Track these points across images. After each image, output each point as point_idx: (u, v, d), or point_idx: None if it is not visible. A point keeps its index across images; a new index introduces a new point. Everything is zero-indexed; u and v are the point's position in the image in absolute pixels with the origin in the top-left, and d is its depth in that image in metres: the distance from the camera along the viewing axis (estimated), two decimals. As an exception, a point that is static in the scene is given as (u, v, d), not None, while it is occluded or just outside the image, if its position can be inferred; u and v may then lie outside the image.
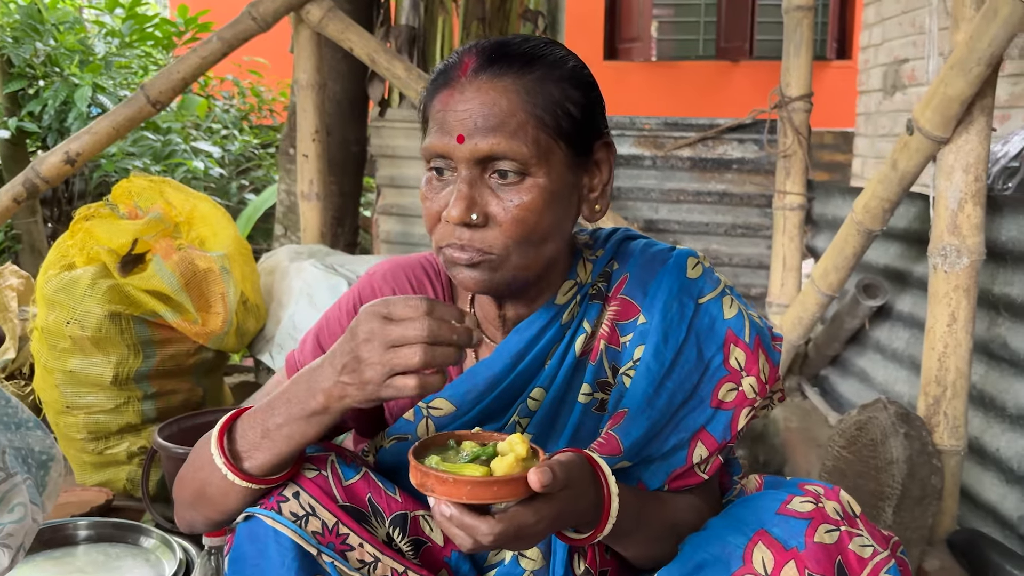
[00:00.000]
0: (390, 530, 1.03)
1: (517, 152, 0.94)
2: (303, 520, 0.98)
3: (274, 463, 0.98)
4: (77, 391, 2.16)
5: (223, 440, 1.00)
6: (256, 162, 5.19)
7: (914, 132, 1.70)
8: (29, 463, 1.35)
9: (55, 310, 2.13)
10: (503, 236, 0.96)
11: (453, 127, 0.95)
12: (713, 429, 1.05)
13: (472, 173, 0.96)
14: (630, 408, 1.03)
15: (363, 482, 1.03)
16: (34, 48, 3.95)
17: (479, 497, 0.81)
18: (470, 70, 0.97)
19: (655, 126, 3.03)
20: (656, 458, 1.05)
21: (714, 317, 1.07)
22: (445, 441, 0.91)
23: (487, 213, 0.96)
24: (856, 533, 0.95)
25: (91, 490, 2.15)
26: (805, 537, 0.93)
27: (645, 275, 1.08)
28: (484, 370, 1.06)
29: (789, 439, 2.61)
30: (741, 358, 1.06)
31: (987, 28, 1.47)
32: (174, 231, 2.35)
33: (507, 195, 0.96)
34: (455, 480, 0.81)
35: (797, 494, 0.98)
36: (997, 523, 1.79)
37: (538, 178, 0.96)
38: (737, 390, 1.05)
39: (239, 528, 1.00)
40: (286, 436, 0.96)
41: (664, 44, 8.36)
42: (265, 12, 2.62)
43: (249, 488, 0.99)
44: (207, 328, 2.23)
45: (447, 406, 1.06)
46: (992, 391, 1.84)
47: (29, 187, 2.70)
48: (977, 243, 1.67)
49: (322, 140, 2.78)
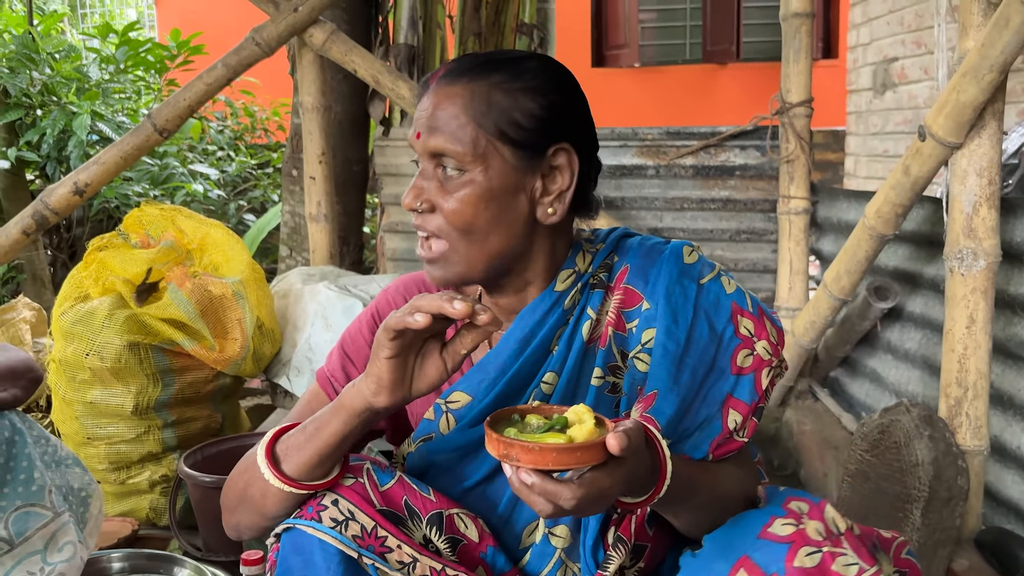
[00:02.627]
0: (427, 530, 1.07)
1: (454, 150, 1.05)
2: (343, 525, 1.01)
3: (311, 464, 1.03)
4: (98, 422, 2.16)
5: (272, 444, 1.06)
6: (253, 182, 5.19)
7: (927, 138, 1.72)
8: (70, 500, 1.36)
9: (73, 342, 2.13)
10: (444, 222, 1.07)
11: (416, 126, 1.10)
12: (740, 394, 1.11)
13: (427, 167, 1.09)
14: (659, 389, 1.09)
15: (398, 486, 1.08)
16: (30, 77, 3.95)
17: (563, 463, 0.84)
18: (438, 77, 1.10)
19: (657, 136, 3.06)
20: (692, 431, 1.10)
21: (717, 294, 1.14)
22: (510, 416, 0.95)
23: (431, 201, 1.08)
24: (840, 552, 0.95)
25: (115, 521, 2.15)
26: (785, 562, 0.94)
27: (645, 265, 1.16)
28: (494, 358, 1.12)
29: (803, 442, 2.63)
30: (750, 326, 1.13)
31: (999, 36, 1.49)
32: (187, 258, 2.36)
33: (449, 187, 1.07)
34: (540, 448, 0.84)
35: (779, 515, 0.99)
36: (1020, 520, 1.82)
37: (475, 175, 1.06)
38: (753, 355, 1.12)
39: (283, 541, 1.03)
40: (325, 437, 1.02)
41: (650, 49, 8.40)
42: (269, 37, 2.63)
43: (286, 491, 1.03)
44: (225, 354, 2.23)
45: (464, 398, 1.12)
46: (1011, 390, 1.86)
47: (39, 219, 2.69)
48: (993, 245, 1.70)
49: (329, 162, 2.80)
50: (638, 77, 8.23)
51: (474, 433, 1.12)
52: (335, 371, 1.23)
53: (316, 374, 1.26)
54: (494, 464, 1.13)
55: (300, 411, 1.22)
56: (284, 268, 3.52)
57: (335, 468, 1.06)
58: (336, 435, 1.02)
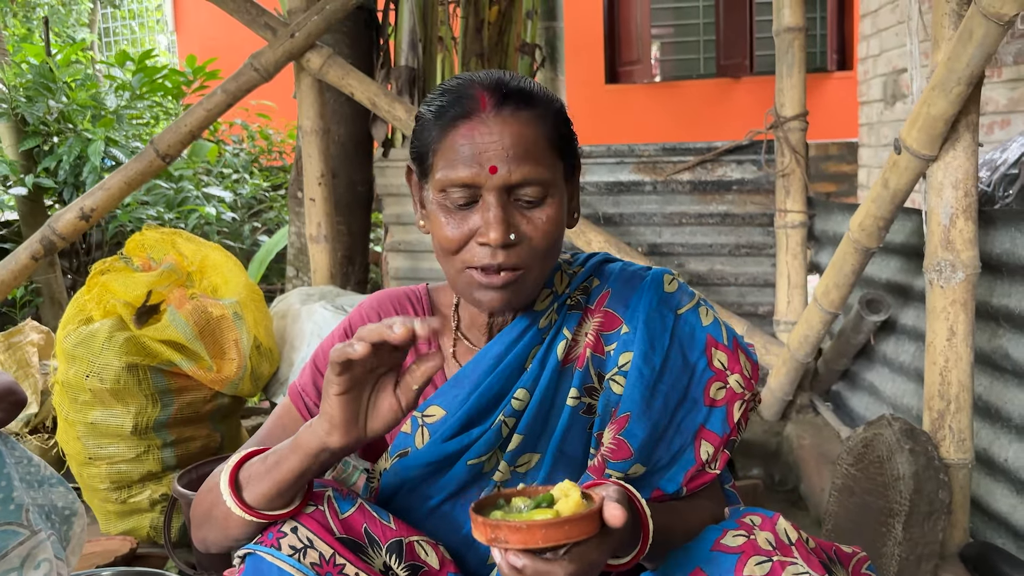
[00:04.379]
0: (387, 558, 1.07)
1: (543, 177, 1.05)
2: (301, 552, 1.02)
3: (270, 495, 1.02)
4: (99, 442, 2.21)
5: (236, 469, 1.06)
6: (267, 204, 5.27)
7: (902, 151, 1.72)
8: (52, 519, 1.40)
9: (75, 364, 2.18)
10: (533, 251, 1.06)
11: (482, 158, 1.03)
12: (712, 426, 1.13)
13: (503, 199, 1.04)
14: (631, 412, 1.10)
15: (359, 514, 1.08)
16: (47, 106, 4.05)
17: (553, 539, 0.82)
18: (490, 105, 1.05)
19: (653, 152, 3.07)
20: (667, 462, 1.12)
21: (693, 325, 1.15)
22: (495, 501, 0.93)
23: (520, 233, 1.05)
24: (789, 562, 0.95)
25: (115, 539, 2.19)
26: (735, 572, 0.94)
27: (626, 291, 1.17)
28: (469, 372, 1.14)
29: (802, 456, 2.61)
30: (723, 359, 1.14)
31: (964, 49, 1.50)
32: (187, 281, 2.41)
33: (534, 215, 1.06)
34: (529, 526, 0.82)
35: (731, 528, 1.00)
36: (1010, 534, 1.80)
37: (555, 196, 1.07)
38: (725, 388, 1.13)
39: (247, 563, 1.04)
40: (283, 472, 1.01)
41: (665, 65, 8.43)
42: (267, 63, 2.69)
43: (246, 519, 1.04)
44: (222, 375, 2.27)
45: (439, 411, 1.14)
46: (998, 402, 1.85)
47: (46, 244, 2.77)
48: (971, 257, 1.69)
49: (328, 184, 2.84)
50: (652, 93, 8.25)
51: (447, 448, 1.13)
52: (306, 386, 1.23)
53: (288, 388, 1.26)
54: (461, 481, 1.14)
55: (270, 427, 1.23)
56: (291, 288, 3.57)
57: (296, 498, 1.06)
58: (293, 472, 1.01)
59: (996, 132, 3.94)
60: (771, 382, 2.68)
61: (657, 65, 8.44)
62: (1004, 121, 3.95)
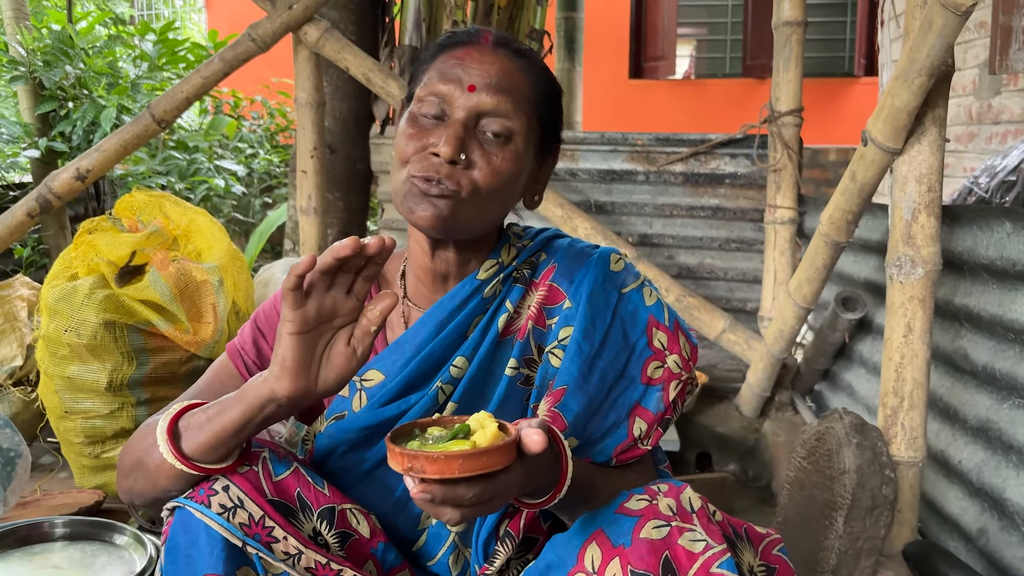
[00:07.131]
0: (317, 523, 1.08)
1: (512, 118, 1.08)
2: (231, 512, 1.02)
3: (208, 447, 1.02)
4: (75, 396, 2.25)
5: (176, 418, 1.05)
6: (278, 180, 5.33)
7: (868, 143, 1.71)
8: (-5, 458, 1.43)
9: (55, 319, 2.23)
10: (477, 180, 1.07)
11: (466, 78, 1.08)
12: (647, 404, 1.14)
13: (468, 123, 1.08)
14: (568, 385, 1.12)
15: (293, 477, 1.08)
16: (64, 71, 4.13)
17: (470, 469, 0.82)
18: (491, 41, 1.11)
19: (647, 141, 3.06)
20: (599, 436, 1.13)
21: (636, 304, 1.17)
22: (411, 431, 0.92)
23: (471, 158, 1.07)
24: (688, 528, 0.95)
25: (85, 492, 2.23)
26: (632, 534, 0.94)
27: (572, 266, 1.19)
28: (411, 338, 1.16)
29: (776, 454, 2.60)
30: (663, 339, 1.16)
31: (924, 40, 1.48)
32: (172, 244, 2.45)
33: (491, 150, 1.08)
34: (446, 456, 0.82)
35: (637, 493, 0.99)
36: (959, 536, 1.78)
37: (518, 146, 1.09)
38: (663, 367, 1.15)
39: (175, 518, 1.04)
40: (224, 422, 1.01)
41: (690, 62, 8.37)
42: (264, 33, 2.72)
43: (179, 468, 1.03)
44: (198, 337, 2.31)
45: (378, 376, 1.15)
46: (956, 403, 1.83)
47: (42, 202, 2.82)
48: (932, 253, 1.68)
49: (321, 157, 2.87)
50: (676, 90, 8.19)
51: (383, 412, 1.14)
52: (245, 343, 1.24)
53: (227, 347, 1.27)
54: None
55: (206, 381, 1.23)
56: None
57: (233, 454, 1.06)
58: (235, 423, 1.00)
59: (1011, 141, 3.87)
60: (750, 377, 2.66)
61: (684, 62, 8.38)
62: (1020, 130, 3.88)
